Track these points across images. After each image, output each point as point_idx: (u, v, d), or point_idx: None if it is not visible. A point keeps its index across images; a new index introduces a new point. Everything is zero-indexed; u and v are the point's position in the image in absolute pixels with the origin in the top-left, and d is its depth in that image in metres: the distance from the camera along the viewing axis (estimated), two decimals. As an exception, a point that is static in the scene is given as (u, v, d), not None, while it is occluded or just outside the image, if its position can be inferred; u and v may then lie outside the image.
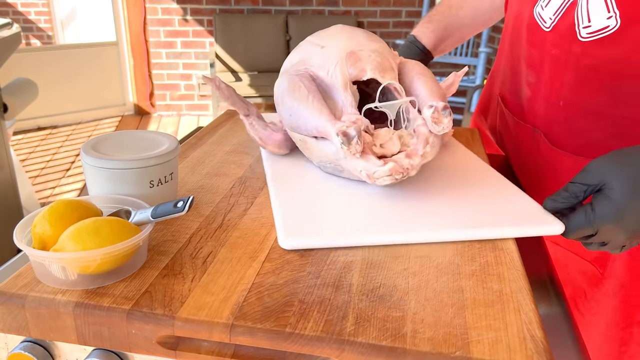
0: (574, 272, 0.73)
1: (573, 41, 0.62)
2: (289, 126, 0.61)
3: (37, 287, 0.41)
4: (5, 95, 1.75)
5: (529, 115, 0.73)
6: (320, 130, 0.55)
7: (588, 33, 0.60)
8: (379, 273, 0.44)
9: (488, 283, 0.43)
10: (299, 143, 0.62)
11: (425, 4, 3.61)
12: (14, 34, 1.76)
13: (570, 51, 0.63)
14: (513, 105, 0.78)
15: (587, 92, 0.63)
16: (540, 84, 0.69)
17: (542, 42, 0.67)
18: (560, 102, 0.66)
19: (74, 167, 3.16)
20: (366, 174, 0.53)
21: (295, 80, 0.59)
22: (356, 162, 0.53)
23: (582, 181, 0.51)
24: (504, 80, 0.81)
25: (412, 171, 0.54)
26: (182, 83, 4.15)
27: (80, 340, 0.40)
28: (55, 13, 4.58)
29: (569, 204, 0.52)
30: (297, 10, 4.00)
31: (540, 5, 0.67)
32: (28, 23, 4.50)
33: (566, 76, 0.64)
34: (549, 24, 0.65)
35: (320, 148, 0.58)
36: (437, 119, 0.55)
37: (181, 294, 0.40)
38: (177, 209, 0.43)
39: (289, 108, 0.59)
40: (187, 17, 3.96)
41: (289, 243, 0.47)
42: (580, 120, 0.65)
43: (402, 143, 0.55)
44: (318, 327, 0.37)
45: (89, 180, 0.51)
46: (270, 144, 0.67)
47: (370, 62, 0.59)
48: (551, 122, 0.69)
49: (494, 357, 0.35)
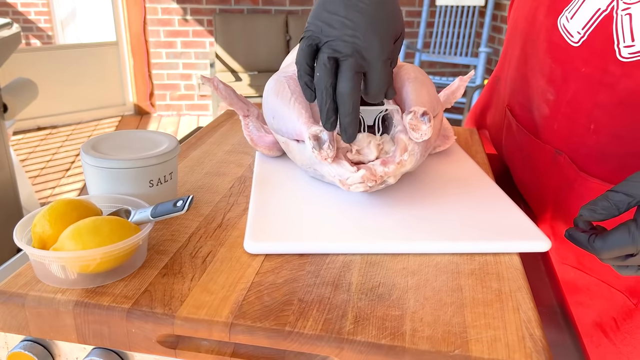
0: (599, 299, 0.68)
1: (610, 60, 0.56)
2: (272, 128, 0.60)
3: (37, 286, 0.41)
4: (5, 95, 1.75)
5: (546, 135, 0.67)
6: (298, 133, 0.54)
7: (630, 53, 0.54)
8: (378, 272, 0.44)
9: (487, 282, 0.43)
10: (283, 145, 0.61)
11: (425, 4, 3.61)
12: (14, 34, 1.77)
13: (607, 71, 0.57)
14: (525, 121, 0.72)
15: (626, 116, 0.57)
16: (561, 102, 0.63)
17: (568, 58, 0.61)
18: (591, 125, 0.60)
19: (73, 167, 3.16)
20: (339, 180, 0.51)
21: (281, 82, 0.59)
22: (329, 168, 0.51)
23: (627, 191, 0.45)
24: (513, 92, 0.75)
25: (390, 179, 0.52)
26: (182, 83, 4.15)
27: (80, 339, 0.40)
28: (55, 13, 4.58)
29: (608, 215, 0.46)
30: (297, 10, 4.00)
31: (565, 16, 0.61)
32: (28, 23, 4.50)
33: (600, 98, 0.58)
34: (577, 38, 0.59)
35: (300, 152, 0.56)
36: (415, 125, 0.51)
37: (181, 293, 0.41)
38: (176, 208, 0.43)
39: (272, 110, 0.59)
40: (187, 17, 3.96)
41: (253, 247, 0.46)
42: (613, 145, 0.59)
43: (381, 150, 0.53)
44: (317, 326, 0.37)
45: (89, 179, 0.51)
46: (261, 146, 0.66)
47: None
48: (577, 145, 0.62)
49: (493, 356, 0.35)
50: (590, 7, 0.58)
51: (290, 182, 0.60)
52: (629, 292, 0.64)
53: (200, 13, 3.95)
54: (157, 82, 4.14)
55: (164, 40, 4.01)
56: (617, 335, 0.67)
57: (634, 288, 0.63)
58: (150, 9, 3.92)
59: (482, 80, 3.27)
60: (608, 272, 0.63)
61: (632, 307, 0.64)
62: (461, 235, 0.49)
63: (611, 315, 0.67)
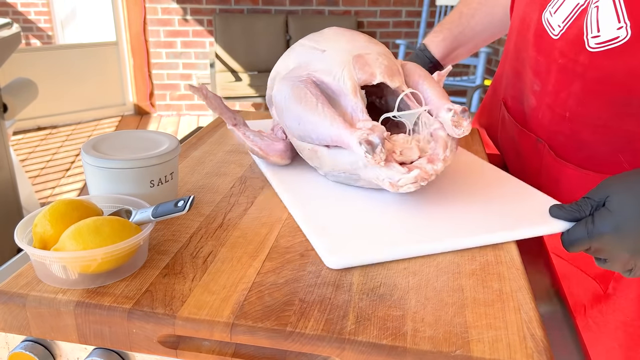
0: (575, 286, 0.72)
1: (581, 51, 0.60)
2: (296, 135, 0.59)
3: (38, 286, 0.41)
4: (5, 95, 1.75)
5: (532, 124, 0.71)
6: (335, 139, 0.53)
7: (597, 43, 0.58)
8: (379, 272, 0.44)
9: (488, 282, 0.43)
10: (306, 152, 0.59)
11: (425, 4, 3.61)
12: (14, 34, 1.76)
13: (578, 61, 0.60)
14: (516, 112, 0.76)
15: (594, 104, 0.61)
16: (545, 92, 0.67)
17: (549, 50, 0.65)
18: (566, 114, 0.64)
19: (74, 167, 3.16)
20: (389, 183, 0.51)
21: (299, 87, 0.57)
22: (379, 171, 0.52)
23: (591, 196, 0.51)
24: (507, 85, 0.79)
25: (433, 176, 0.53)
26: (182, 83, 4.15)
27: (81, 340, 0.40)
28: (55, 13, 4.58)
29: (572, 217, 0.51)
30: (297, 10, 4.00)
31: (549, 11, 0.64)
32: (28, 23, 4.50)
33: (573, 87, 0.62)
34: (558, 31, 0.63)
35: (333, 157, 0.56)
36: (457, 122, 0.54)
37: (182, 293, 0.41)
38: (177, 208, 0.43)
39: (297, 117, 0.57)
40: (187, 17, 3.96)
41: (336, 262, 0.45)
42: (586, 133, 0.63)
43: (419, 149, 0.55)
44: (319, 326, 0.37)
45: (90, 179, 0.51)
46: (273, 155, 0.62)
47: (379, 66, 0.57)
48: (556, 133, 0.67)
49: (494, 356, 0.35)
50: (571, 2, 0.61)
51: (321, 189, 0.58)
52: (600, 279, 0.68)
53: (200, 13, 3.95)
54: (157, 82, 4.13)
55: (164, 40, 4.01)
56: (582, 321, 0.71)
57: (604, 275, 0.68)
58: (150, 9, 3.92)
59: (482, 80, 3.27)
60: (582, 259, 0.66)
61: (601, 294, 0.68)
62: (501, 226, 0.51)
63: (582, 302, 0.71)
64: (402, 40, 3.47)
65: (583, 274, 0.70)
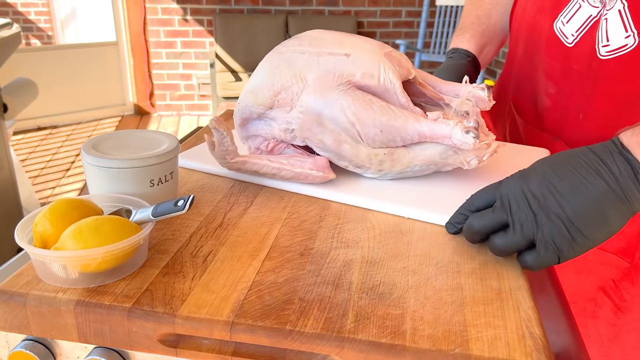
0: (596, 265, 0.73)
1: (593, 59, 0.66)
2: (378, 143, 0.57)
3: (38, 285, 0.41)
4: (5, 95, 1.75)
5: (547, 124, 0.75)
6: (428, 134, 0.55)
7: (607, 52, 0.64)
8: (378, 271, 0.44)
9: (487, 281, 0.44)
10: (376, 158, 0.58)
11: (425, 4, 3.61)
12: (14, 34, 1.76)
13: (590, 67, 0.66)
14: (528, 113, 0.80)
15: (606, 103, 0.66)
16: (561, 95, 0.72)
17: (564, 56, 0.70)
18: (580, 115, 0.69)
19: (74, 167, 3.16)
20: (478, 160, 0.56)
21: (358, 95, 0.56)
22: (467, 153, 0.56)
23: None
24: (516, 88, 0.82)
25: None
26: (182, 83, 4.15)
27: (81, 339, 0.40)
28: (55, 13, 4.58)
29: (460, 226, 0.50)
30: (297, 10, 4.00)
31: (561, 21, 0.69)
32: (28, 23, 4.50)
33: (586, 90, 0.68)
34: (571, 40, 0.68)
35: (414, 154, 0.57)
36: (490, 96, 0.61)
37: (182, 292, 0.41)
38: (177, 207, 0.43)
39: (377, 124, 0.55)
40: (187, 17, 3.96)
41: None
42: (600, 129, 0.68)
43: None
44: (318, 325, 0.37)
45: (90, 179, 0.51)
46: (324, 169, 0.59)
47: (407, 61, 0.60)
48: (571, 132, 0.71)
49: (493, 354, 0.35)
50: (584, 14, 0.67)
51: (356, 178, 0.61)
52: (622, 253, 0.71)
53: (200, 13, 3.95)
54: (157, 82, 4.14)
55: (164, 40, 4.01)
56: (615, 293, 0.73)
57: (625, 249, 0.70)
58: (150, 9, 3.92)
59: (483, 80, 3.27)
60: None
61: (628, 266, 0.71)
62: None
63: (609, 277, 0.73)
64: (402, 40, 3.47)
65: (602, 251, 0.72)
